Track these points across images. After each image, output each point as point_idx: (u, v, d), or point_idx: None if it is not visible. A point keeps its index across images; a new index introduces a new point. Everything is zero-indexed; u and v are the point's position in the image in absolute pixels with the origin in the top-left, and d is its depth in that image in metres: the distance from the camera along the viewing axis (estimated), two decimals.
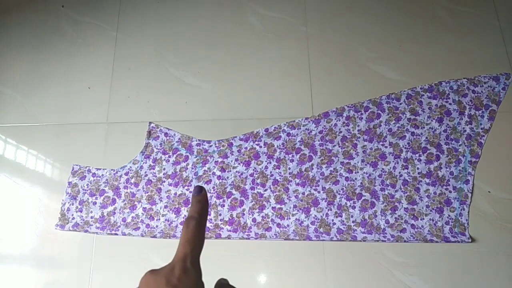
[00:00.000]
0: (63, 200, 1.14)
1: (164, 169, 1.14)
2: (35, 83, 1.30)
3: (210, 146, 1.16)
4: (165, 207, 1.10)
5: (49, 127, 1.23)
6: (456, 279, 0.98)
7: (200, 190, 0.31)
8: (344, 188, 1.08)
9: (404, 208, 1.04)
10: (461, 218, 1.02)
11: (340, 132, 1.14)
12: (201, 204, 0.30)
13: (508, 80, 1.15)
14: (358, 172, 1.09)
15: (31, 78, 1.31)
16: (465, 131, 1.10)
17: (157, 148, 1.17)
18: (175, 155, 1.16)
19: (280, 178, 1.11)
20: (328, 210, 1.06)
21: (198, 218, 0.29)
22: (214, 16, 1.33)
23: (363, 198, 1.06)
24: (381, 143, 1.11)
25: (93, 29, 1.34)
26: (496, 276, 0.97)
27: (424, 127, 1.12)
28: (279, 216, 1.07)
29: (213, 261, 1.04)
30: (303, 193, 1.08)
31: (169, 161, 1.15)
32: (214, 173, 1.13)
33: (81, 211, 1.13)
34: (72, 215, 1.12)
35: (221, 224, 1.07)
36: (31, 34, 1.37)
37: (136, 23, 1.34)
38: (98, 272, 1.07)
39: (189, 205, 1.08)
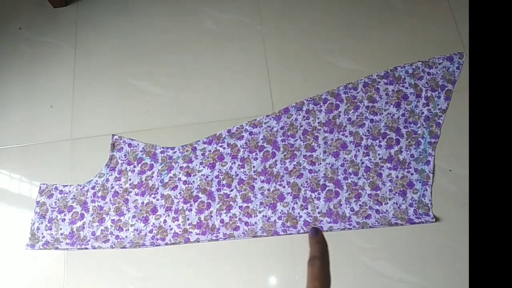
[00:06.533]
0: (32, 219, 1.14)
1: (130, 179, 1.15)
2: None
3: (174, 152, 1.17)
4: (133, 217, 1.11)
5: (14, 149, 1.24)
6: (424, 259, 0.99)
7: (316, 232, 0.30)
8: (308, 181, 1.09)
9: (368, 194, 1.06)
10: (424, 199, 1.04)
11: (301, 126, 1.15)
12: (321, 245, 0.30)
13: (462, 59, 1.16)
14: (321, 163, 1.10)
15: None
16: (423, 113, 1.12)
17: (121, 160, 1.18)
18: (140, 165, 1.16)
19: (245, 177, 1.11)
20: (294, 203, 1.07)
21: (322, 257, 0.29)
22: (170, 23, 1.34)
23: (327, 188, 1.07)
24: (341, 133, 1.12)
25: (51, 48, 1.35)
26: (462, 252, 0.98)
27: (382, 113, 1.13)
28: (246, 214, 1.07)
29: (184, 266, 1.05)
30: (269, 190, 1.09)
31: (134, 171, 1.16)
32: (179, 179, 1.13)
33: (50, 229, 1.13)
34: (42, 233, 1.13)
35: (189, 228, 1.08)
36: None
37: (94, 37, 1.35)
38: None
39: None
